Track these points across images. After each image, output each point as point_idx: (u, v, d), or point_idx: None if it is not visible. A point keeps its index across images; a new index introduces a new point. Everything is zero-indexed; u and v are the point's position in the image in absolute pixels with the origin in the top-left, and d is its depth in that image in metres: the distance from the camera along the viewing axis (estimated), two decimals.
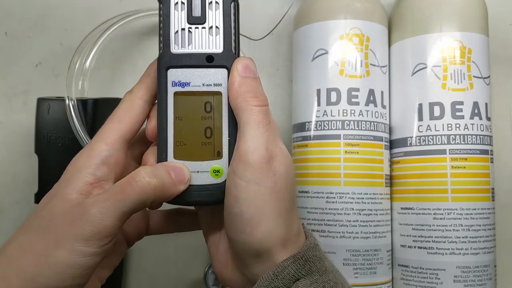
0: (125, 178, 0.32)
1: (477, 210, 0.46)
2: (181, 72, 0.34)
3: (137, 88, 0.35)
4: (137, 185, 0.31)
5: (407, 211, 0.48)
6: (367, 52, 0.48)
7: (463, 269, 0.45)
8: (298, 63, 0.51)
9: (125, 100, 0.35)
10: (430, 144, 0.47)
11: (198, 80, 0.34)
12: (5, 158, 0.56)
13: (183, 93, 0.34)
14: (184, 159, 0.34)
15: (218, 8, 0.34)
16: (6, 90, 0.57)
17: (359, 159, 0.47)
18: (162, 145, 0.34)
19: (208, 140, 0.34)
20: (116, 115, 0.34)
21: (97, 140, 0.33)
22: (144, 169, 0.32)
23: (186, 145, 0.34)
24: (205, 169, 0.34)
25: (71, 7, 0.58)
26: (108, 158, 0.33)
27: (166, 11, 0.34)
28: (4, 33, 0.58)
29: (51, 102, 0.50)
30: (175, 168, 0.33)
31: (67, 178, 0.32)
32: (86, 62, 0.52)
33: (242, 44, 0.57)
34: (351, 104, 0.47)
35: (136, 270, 0.55)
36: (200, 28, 0.34)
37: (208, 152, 0.34)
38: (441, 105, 0.47)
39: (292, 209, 0.33)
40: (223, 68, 0.34)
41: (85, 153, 0.33)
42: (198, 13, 0.34)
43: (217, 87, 0.34)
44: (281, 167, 0.32)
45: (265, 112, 0.32)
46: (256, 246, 0.31)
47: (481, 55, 0.48)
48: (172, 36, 0.34)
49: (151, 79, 0.35)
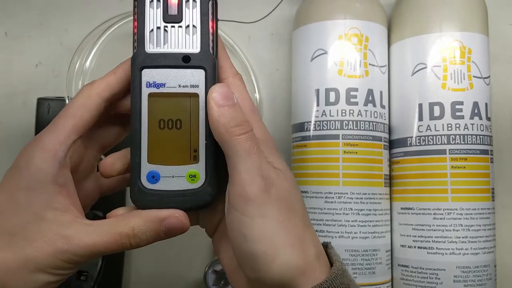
0: (116, 226, 0.31)
1: (477, 210, 0.46)
2: (156, 73, 0.32)
3: (98, 83, 0.33)
4: (121, 241, 0.31)
5: (407, 211, 0.48)
6: (366, 52, 0.48)
7: (463, 269, 0.45)
8: (297, 63, 0.51)
9: (82, 94, 0.33)
10: (430, 144, 0.47)
11: (174, 81, 0.32)
12: (5, 158, 0.56)
13: (158, 94, 0.32)
14: (158, 163, 0.32)
15: (196, 7, 0.33)
16: (6, 90, 0.57)
17: (358, 159, 0.47)
18: (136, 148, 0.32)
19: (184, 143, 0.32)
20: (71, 109, 0.32)
21: (51, 137, 0.32)
22: (133, 223, 0.31)
23: (160, 149, 0.32)
24: (181, 174, 0.32)
25: (71, 7, 0.58)
26: (64, 158, 0.31)
27: (141, 9, 0.33)
28: (4, 33, 0.58)
29: (51, 102, 0.50)
30: (168, 227, 0.32)
31: (28, 187, 0.31)
32: (86, 62, 0.52)
33: (242, 44, 0.57)
34: (350, 104, 0.47)
35: (136, 270, 0.55)
36: (176, 27, 0.33)
37: (184, 156, 0.32)
38: (441, 105, 0.47)
39: (305, 232, 0.31)
40: (200, 68, 0.32)
41: (39, 155, 0.31)
42: (175, 12, 0.33)
43: (193, 88, 0.32)
44: (281, 191, 0.31)
45: (251, 137, 0.31)
46: (276, 281, 0.30)
47: (481, 55, 0.48)
48: (147, 34, 0.32)
49: (116, 78, 0.33)
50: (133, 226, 0.31)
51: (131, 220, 0.31)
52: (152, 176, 0.32)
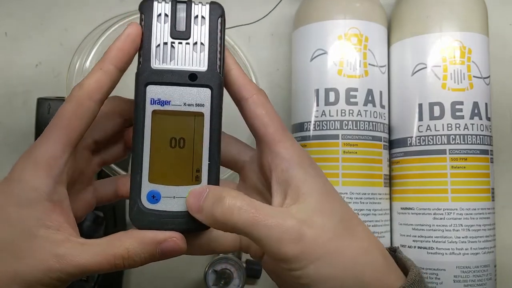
0: (110, 247, 0.30)
1: (477, 210, 0.46)
2: (161, 90, 0.31)
3: (87, 85, 0.31)
4: (114, 262, 0.30)
5: (407, 211, 0.48)
6: (365, 52, 0.48)
7: (463, 269, 0.45)
8: (297, 63, 0.51)
9: (72, 99, 0.31)
10: (430, 144, 0.47)
11: (179, 99, 0.31)
12: (5, 158, 0.56)
13: (162, 112, 0.31)
14: (159, 182, 0.31)
15: (204, 24, 0.32)
16: (6, 90, 0.57)
17: (357, 159, 0.47)
18: (137, 166, 0.31)
19: (186, 163, 0.31)
20: (63, 118, 0.30)
21: (42, 151, 0.30)
22: (128, 243, 0.30)
23: (162, 168, 0.31)
24: (182, 195, 0.31)
25: (71, 7, 0.58)
26: (60, 175, 0.30)
27: (148, 23, 0.31)
28: (4, 33, 0.58)
29: (51, 102, 0.50)
30: (164, 250, 0.30)
31: (19, 203, 0.29)
32: (86, 62, 0.52)
33: (242, 44, 0.57)
34: (349, 104, 0.47)
35: (136, 269, 0.55)
36: (184, 43, 0.32)
37: (185, 177, 0.31)
38: (441, 105, 0.47)
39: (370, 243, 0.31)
40: (207, 87, 0.31)
41: (31, 170, 0.30)
42: (183, 28, 0.32)
43: (199, 107, 0.31)
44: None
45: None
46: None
47: (481, 55, 0.48)
48: (153, 50, 0.31)
49: (104, 74, 0.31)
50: (128, 247, 0.30)
51: (125, 241, 0.30)
52: (152, 196, 0.31)
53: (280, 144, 0.32)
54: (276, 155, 0.32)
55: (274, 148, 0.32)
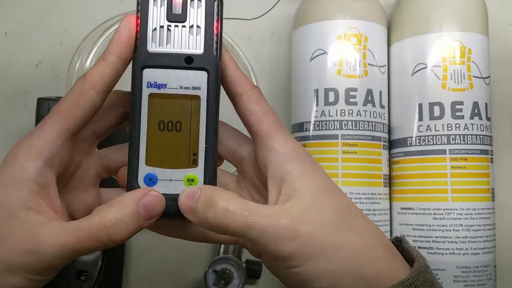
0: (89, 221, 0.29)
1: (477, 210, 0.46)
2: (157, 73, 0.31)
3: (90, 76, 0.31)
4: (97, 236, 0.29)
5: (407, 211, 0.48)
6: (365, 52, 0.48)
7: (463, 269, 0.45)
8: (296, 63, 0.51)
9: (75, 89, 0.31)
10: (430, 144, 0.47)
11: (176, 82, 0.31)
12: None
13: (159, 95, 0.31)
14: (156, 165, 0.31)
15: (200, 6, 0.32)
16: (6, 90, 0.57)
17: (357, 159, 0.47)
18: (134, 149, 0.31)
19: (183, 146, 0.31)
20: (63, 106, 0.31)
21: (38, 135, 0.30)
22: (109, 213, 0.29)
23: (159, 151, 0.31)
24: (179, 178, 0.31)
25: (71, 7, 0.58)
26: (50, 159, 0.30)
27: (144, 6, 0.32)
28: (4, 33, 0.58)
29: (51, 102, 0.50)
30: (146, 205, 0.30)
31: (7, 183, 0.29)
32: (86, 62, 0.52)
33: (242, 44, 0.57)
34: (349, 104, 0.47)
35: (136, 269, 0.55)
36: (180, 26, 0.32)
37: (182, 160, 0.31)
38: (441, 105, 0.47)
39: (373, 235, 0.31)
40: (203, 70, 0.31)
41: (24, 152, 0.30)
42: (179, 11, 0.32)
43: (195, 90, 0.31)
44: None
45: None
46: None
47: (481, 55, 0.48)
48: (149, 33, 0.31)
49: (107, 65, 0.31)
50: (109, 216, 0.29)
51: (105, 211, 0.29)
52: (149, 179, 0.31)
53: (274, 139, 0.32)
54: (270, 150, 0.31)
55: (268, 143, 0.32)
